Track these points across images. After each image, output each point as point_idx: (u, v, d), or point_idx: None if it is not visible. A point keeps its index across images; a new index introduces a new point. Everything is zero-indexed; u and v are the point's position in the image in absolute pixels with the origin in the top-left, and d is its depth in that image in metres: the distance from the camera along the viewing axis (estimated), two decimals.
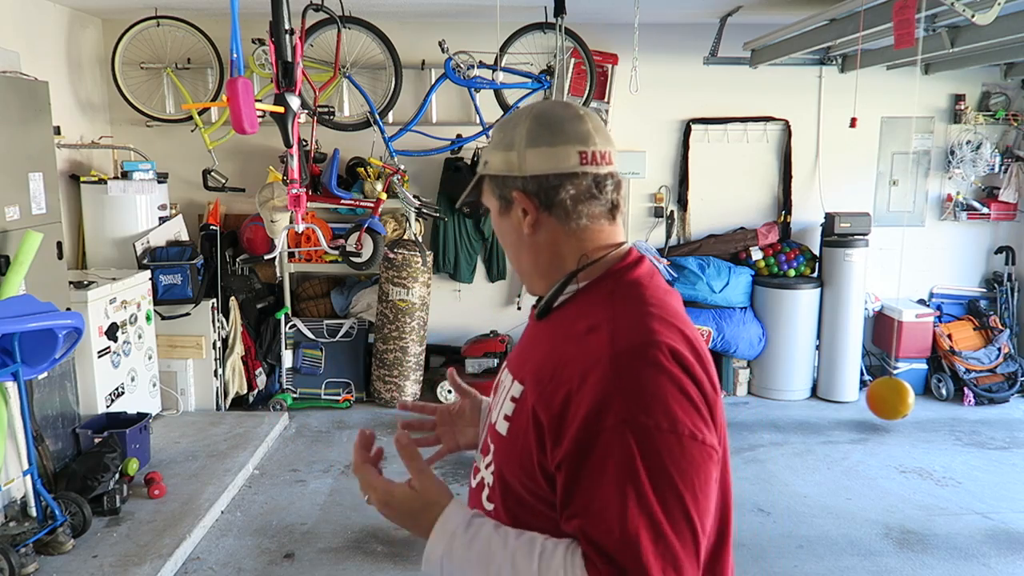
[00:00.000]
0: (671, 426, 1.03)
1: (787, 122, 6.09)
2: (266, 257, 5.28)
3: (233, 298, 5.42)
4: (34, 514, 3.45)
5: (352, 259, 5.22)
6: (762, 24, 5.50)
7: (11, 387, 3.38)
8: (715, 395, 1.12)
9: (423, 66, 5.75)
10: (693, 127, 6.07)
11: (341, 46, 5.14)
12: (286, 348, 5.67)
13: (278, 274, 5.86)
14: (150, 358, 4.95)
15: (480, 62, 5.21)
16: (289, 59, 4.15)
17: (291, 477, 4.48)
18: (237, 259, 5.65)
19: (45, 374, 3.81)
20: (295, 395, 5.65)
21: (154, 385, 5.01)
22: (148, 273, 4.93)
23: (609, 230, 1.24)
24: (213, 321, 5.26)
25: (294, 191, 4.35)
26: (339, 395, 5.65)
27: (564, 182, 1.19)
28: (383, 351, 5.48)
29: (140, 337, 4.79)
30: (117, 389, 4.53)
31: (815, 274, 5.97)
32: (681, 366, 1.07)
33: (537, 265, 1.25)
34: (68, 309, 3.92)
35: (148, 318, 4.87)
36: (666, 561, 1.01)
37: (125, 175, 5.15)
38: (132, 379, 4.70)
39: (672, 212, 6.16)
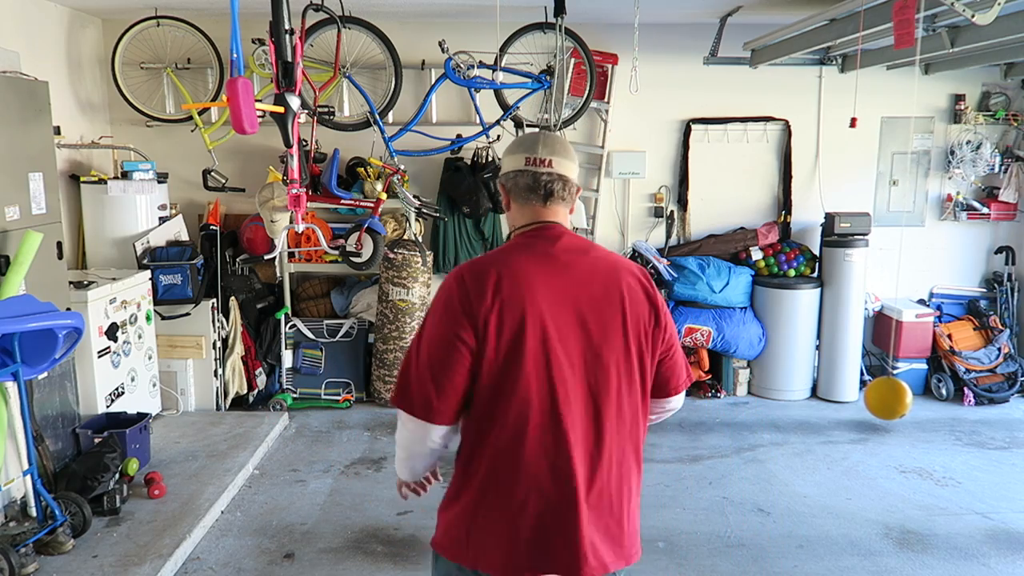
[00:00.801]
0: (434, 312, 1.76)
1: (787, 122, 6.09)
2: (266, 257, 5.28)
3: (233, 298, 5.43)
4: (34, 514, 3.46)
5: (352, 259, 5.22)
6: (762, 24, 5.50)
7: (11, 387, 3.38)
8: (479, 307, 1.68)
9: (423, 66, 5.75)
10: (693, 127, 6.07)
11: (341, 46, 5.14)
12: (286, 348, 5.67)
13: (278, 274, 5.87)
14: (150, 358, 4.95)
15: (480, 62, 5.21)
16: (289, 59, 4.15)
17: (291, 477, 4.48)
18: (237, 259, 5.65)
19: (45, 374, 3.81)
20: (295, 395, 5.65)
21: (154, 385, 5.01)
22: (148, 273, 4.93)
23: (541, 210, 1.85)
24: (213, 321, 5.26)
25: (294, 191, 4.34)
26: (339, 395, 5.65)
27: (516, 176, 1.84)
28: (383, 351, 5.48)
29: (140, 337, 4.79)
30: (117, 389, 4.53)
31: (815, 274, 5.97)
32: (460, 285, 1.73)
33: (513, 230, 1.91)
34: (68, 309, 3.92)
35: (148, 318, 4.87)
36: (411, 379, 1.73)
37: (125, 175, 5.15)
38: (132, 379, 4.70)
39: (672, 212, 6.16)
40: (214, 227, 5.45)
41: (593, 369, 1.72)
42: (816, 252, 6.00)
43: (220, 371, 5.35)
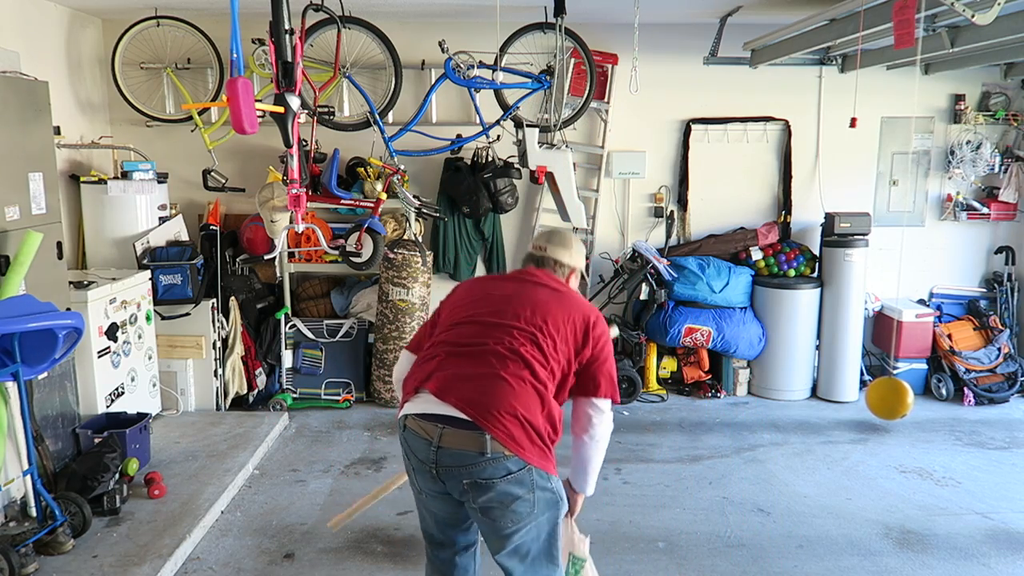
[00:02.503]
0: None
1: (787, 122, 6.09)
2: (266, 257, 5.28)
3: (233, 298, 5.42)
4: (34, 514, 3.46)
5: (352, 259, 5.22)
6: (762, 24, 5.50)
7: (11, 387, 3.39)
8: (457, 296, 2.57)
9: (423, 66, 5.75)
10: (693, 127, 6.07)
11: (341, 46, 5.14)
12: (286, 348, 5.67)
13: (278, 274, 5.87)
14: (150, 358, 4.95)
15: (480, 62, 5.21)
16: (289, 59, 4.15)
17: (291, 477, 4.48)
18: (237, 259, 5.65)
19: (45, 374, 3.81)
20: (295, 395, 5.65)
21: (154, 385, 5.02)
22: (148, 273, 4.93)
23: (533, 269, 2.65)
24: (213, 321, 5.26)
25: (294, 191, 4.34)
26: (339, 395, 5.65)
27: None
28: (383, 351, 5.48)
29: (140, 337, 4.79)
30: (117, 389, 4.53)
31: (815, 274, 5.97)
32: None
33: None
34: (68, 309, 3.92)
35: (148, 318, 4.87)
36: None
37: (125, 175, 5.15)
38: (132, 379, 4.70)
39: (672, 212, 6.16)
40: (214, 227, 5.45)
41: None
42: (816, 252, 6.00)
43: (220, 371, 5.35)
